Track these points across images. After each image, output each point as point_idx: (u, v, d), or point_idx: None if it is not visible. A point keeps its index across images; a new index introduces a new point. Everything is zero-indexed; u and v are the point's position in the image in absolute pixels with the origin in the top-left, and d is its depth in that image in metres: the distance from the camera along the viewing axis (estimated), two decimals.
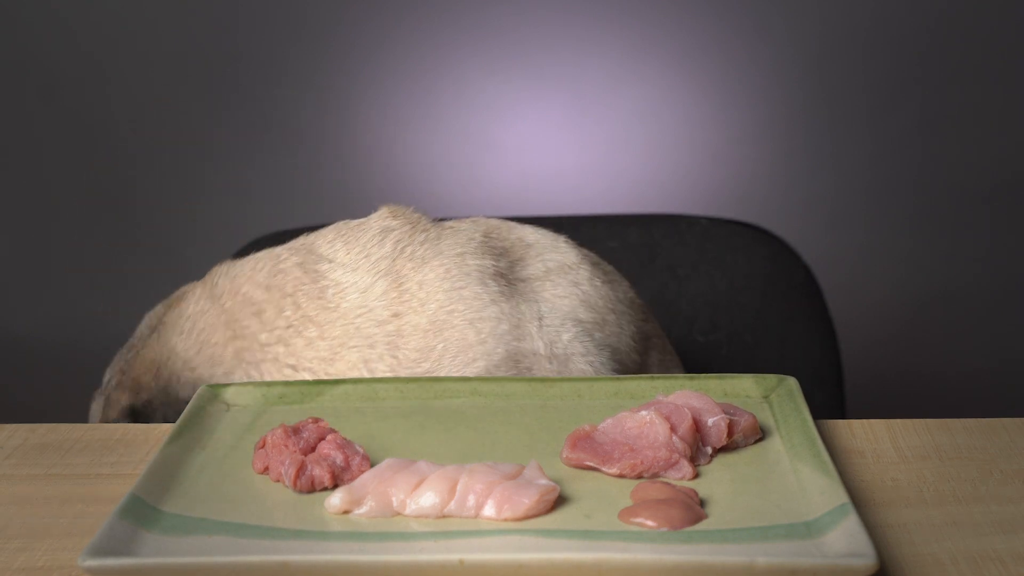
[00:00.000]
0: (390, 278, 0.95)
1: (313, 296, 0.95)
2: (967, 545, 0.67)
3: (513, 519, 0.67)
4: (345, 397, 0.86)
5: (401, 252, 0.96)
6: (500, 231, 1.02)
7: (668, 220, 1.43)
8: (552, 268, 1.00)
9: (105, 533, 0.63)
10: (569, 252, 1.02)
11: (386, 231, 0.98)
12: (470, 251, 0.97)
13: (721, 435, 0.76)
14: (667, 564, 0.60)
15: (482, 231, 1.00)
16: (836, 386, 1.39)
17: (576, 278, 1.01)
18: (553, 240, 1.03)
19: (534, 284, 0.99)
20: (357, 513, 0.68)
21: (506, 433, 0.80)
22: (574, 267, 1.01)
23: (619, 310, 1.02)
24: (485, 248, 0.98)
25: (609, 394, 0.86)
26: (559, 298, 0.99)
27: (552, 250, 1.02)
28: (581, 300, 1.00)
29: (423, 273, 0.95)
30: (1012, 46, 1.99)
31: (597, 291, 1.01)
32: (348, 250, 0.97)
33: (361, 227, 0.99)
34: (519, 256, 1.01)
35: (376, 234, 0.97)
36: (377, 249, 0.97)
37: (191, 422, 0.80)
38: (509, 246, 1.01)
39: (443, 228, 0.99)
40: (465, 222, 1.01)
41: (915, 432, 0.83)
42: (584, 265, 1.02)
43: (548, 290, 0.99)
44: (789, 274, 1.39)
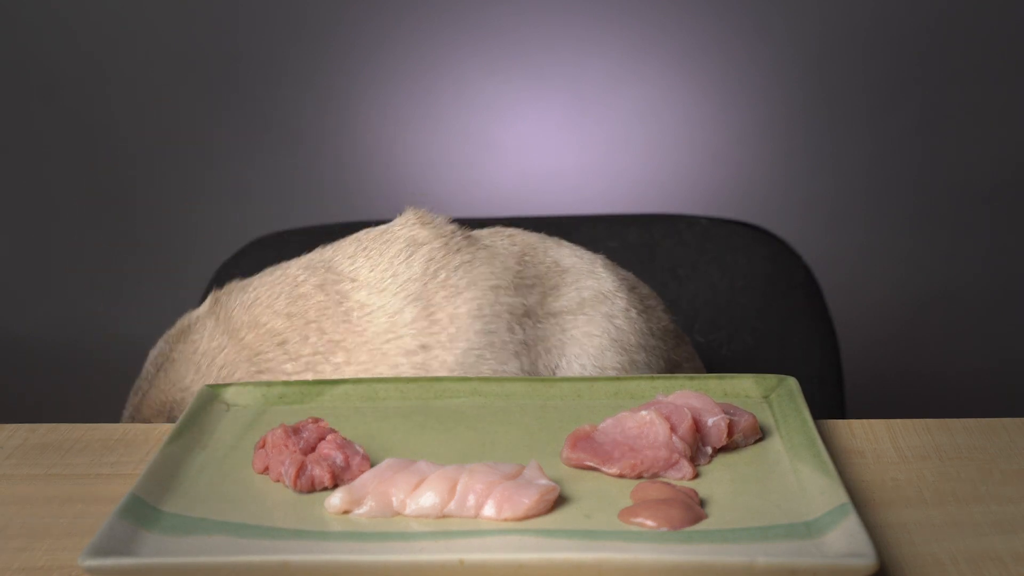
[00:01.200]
0: (420, 304, 0.90)
1: (338, 320, 0.91)
2: (967, 545, 0.67)
3: (513, 519, 0.67)
4: (345, 397, 0.86)
5: (434, 276, 0.91)
6: (536, 252, 0.97)
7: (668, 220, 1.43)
8: (587, 298, 0.96)
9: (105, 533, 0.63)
10: (606, 278, 0.97)
11: (414, 245, 0.92)
12: (504, 284, 0.92)
13: (721, 435, 0.76)
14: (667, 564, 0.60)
15: (517, 253, 0.95)
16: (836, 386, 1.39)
17: (611, 310, 0.96)
18: (590, 264, 0.98)
19: (565, 319, 0.95)
20: (357, 513, 0.68)
21: (506, 433, 0.80)
22: (610, 296, 0.97)
23: (650, 345, 0.98)
24: (519, 280, 0.93)
25: (609, 394, 0.86)
26: (589, 336, 0.95)
27: (589, 275, 0.97)
28: (613, 339, 0.96)
29: (455, 305, 0.91)
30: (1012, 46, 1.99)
31: (631, 325, 0.97)
32: (372, 267, 0.92)
33: (385, 238, 0.93)
34: (553, 284, 0.96)
35: (403, 248, 0.92)
36: (405, 268, 0.91)
37: (191, 422, 0.80)
38: (544, 271, 0.96)
39: (478, 247, 0.93)
40: (502, 237, 0.96)
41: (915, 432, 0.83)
42: (621, 293, 0.97)
43: (580, 327, 0.95)
44: (789, 274, 1.39)
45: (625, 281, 1.00)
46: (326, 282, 0.92)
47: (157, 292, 2.11)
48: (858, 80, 2.02)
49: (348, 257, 0.93)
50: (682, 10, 2.00)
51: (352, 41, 2.03)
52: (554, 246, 0.99)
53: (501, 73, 2.04)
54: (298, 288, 0.93)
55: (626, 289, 0.98)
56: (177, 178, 2.09)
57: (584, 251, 1.00)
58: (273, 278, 0.95)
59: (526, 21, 2.02)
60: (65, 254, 2.12)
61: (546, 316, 0.95)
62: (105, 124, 2.07)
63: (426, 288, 0.91)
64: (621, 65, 2.03)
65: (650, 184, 2.07)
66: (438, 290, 0.91)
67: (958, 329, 2.10)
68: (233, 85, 2.04)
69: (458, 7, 2.01)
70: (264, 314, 0.93)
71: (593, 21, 2.02)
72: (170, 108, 2.06)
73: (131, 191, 2.09)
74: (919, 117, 2.03)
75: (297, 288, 0.93)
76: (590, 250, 1.05)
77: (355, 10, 2.01)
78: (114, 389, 2.13)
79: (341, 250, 0.94)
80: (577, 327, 0.95)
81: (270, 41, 2.03)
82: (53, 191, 2.10)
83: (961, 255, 2.08)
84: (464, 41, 2.03)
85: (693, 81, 2.03)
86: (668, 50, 2.02)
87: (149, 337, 2.10)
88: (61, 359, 2.14)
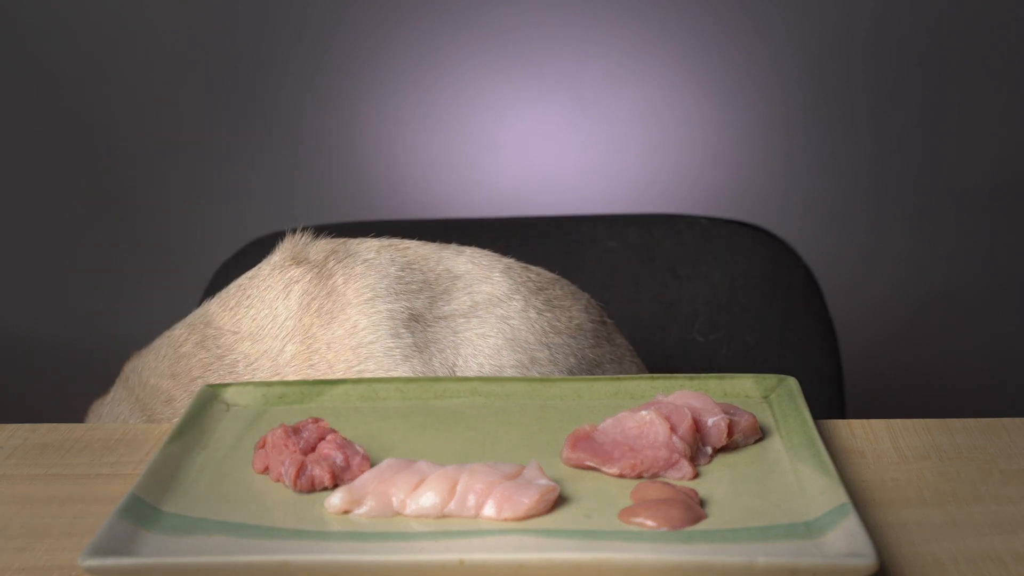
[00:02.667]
0: (298, 339, 0.90)
1: (224, 373, 0.91)
2: (967, 545, 0.67)
3: (513, 519, 0.67)
4: (345, 397, 0.86)
5: (307, 308, 0.91)
6: (427, 261, 0.95)
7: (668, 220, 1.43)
8: (480, 302, 0.95)
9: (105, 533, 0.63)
10: (502, 282, 0.96)
11: (290, 283, 0.92)
12: (381, 293, 0.91)
13: (721, 435, 0.76)
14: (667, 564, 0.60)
15: (401, 263, 0.94)
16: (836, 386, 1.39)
17: (506, 311, 0.95)
18: (487, 270, 0.97)
19: (457, 322, 0.94)
20: (357, 513, 0.68)
21: (506, 433, 0.80)
22: (504, 299, 0.96)
23: (555, 343, 0.97)
24: (399, 286, 0.92)
25: (609, 394, 0.86)
26: (482, 338, 0.94)
27: (483, 281, 0.96)
28: (508, 338, 0.95)
29: (331, 331, 0.90)
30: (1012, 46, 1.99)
31: (529, 324, 0.96)
32: (253, 316, 0.92)
33: (263, 283, 0.93)
34: (443, 289, 0.95)
35: (281, 290, 0.92)
36: (283, 308, 0.91)
37: (191, 422, 0.80)
38: (433, 278, 0.95)
39: (353, 266, 0.92)
40: (385, 250, 0.95)
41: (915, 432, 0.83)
42: (517, 296, 0.96)
43: (472, 328, 0.94)
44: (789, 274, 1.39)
45: (529, 283, 0.98)
46: (206, 338, 0.93)
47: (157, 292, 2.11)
48: (858, 80, 2.02)
49: (230, 309, 0.93)
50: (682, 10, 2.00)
51: (352, 41, 2.03)
52: (451, 255, 0.98)
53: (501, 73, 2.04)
54: (179, 349, 0.94)
55: (528, 291, 0.97)
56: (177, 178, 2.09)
57: (485, 257, 0.99)
58: (160, 342, 0.96)
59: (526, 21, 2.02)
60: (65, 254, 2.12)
61: (435, 320, 0.94)
62: (105, 124, 2.07)
63: (301, 322, 0.90)
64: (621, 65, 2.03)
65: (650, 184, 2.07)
66: (313, 320, 0.90)
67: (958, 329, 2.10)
68: (233, 85, 2.04)
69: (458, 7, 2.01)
70: (152, 377, 0.95)
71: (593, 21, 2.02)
72: (170, 108, 2.06)
73: (131, 191, 2.09)
74: (919, 117, 2.03)
75: (179, 349, 0.94)
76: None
77: (355, 10, 2.01)
78: None
79: (223, 303, 0.94)
80: (470, 328, 0.94)
81: (270, 41, 2.03)
82: (53, 191, 2.10)
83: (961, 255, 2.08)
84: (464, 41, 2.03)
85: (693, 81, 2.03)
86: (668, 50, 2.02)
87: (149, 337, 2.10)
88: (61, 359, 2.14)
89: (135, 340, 2.11)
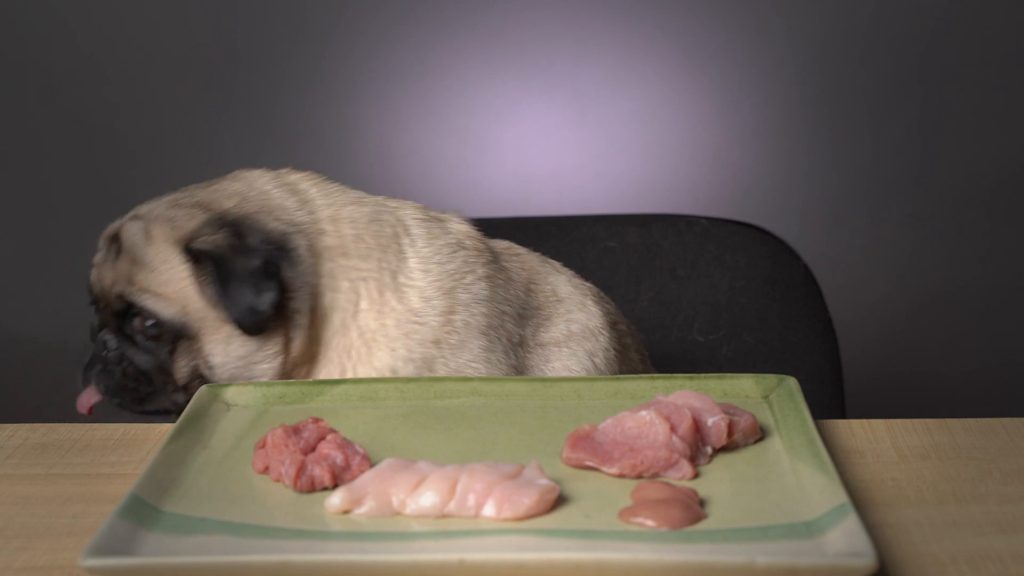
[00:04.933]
0: (448, 301, 0.97)
1: (394, 262, 0.97)
2: (967, 545, 0.67)
3: (513, 519, 0.67)
4: (345, 397, 0.86)
5: (462, 279, 0.98)
6: (538, 279, 1.04)
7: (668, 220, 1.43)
8: (575, 332, 1.03)
9: (105, 533, 0.63)
10: (595, 314, 1.04)
11: (458, 247, 0.99)
12: (511, 312, 0.99)
13: (721, 435, 0.76)
14: (667, 564, 0.60)
15: (525, 280, 1.02)
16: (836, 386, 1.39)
17: (594, 347, 1.03)
18: (582, 296, 1.05)
19: (550, 351, 1.02)
20: (357, 513, 0.68)
21: (506, 433, 0.80)
22: (595, 333, 1.04)
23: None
24: (523, 311, 1.01)
25: (609, 394, 0.86)
26: (568, 371, 1.01)
27: (580, 309, 1.04)
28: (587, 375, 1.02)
29: (471, 312, 0.97)
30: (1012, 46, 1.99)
31: (608, 366, 1.04)
32: (428, 242, 0.99)
33: (441, 225, 1.01)
34: (547, 316, 1.03)
35: (451, 243, 0.99)
36: (448, 260, 0.98)
37: (191, 422, 0.80)
38: (543, 301, 1.03)
39: (499, 265, 1.01)
40: (512, 260, 1.03)
41: (915, 432, 0.83)
42: (604, 331, 1.04)
43: (563, 359, 1.01)
44: (789, 274, 1.39)
45: (609, 316, 1.06)
46: (397, 226, 0.99)
47: None
48: (858, 80, 2.02)
49: (413, 218, 1.00)
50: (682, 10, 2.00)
51: (352, 41, 2.03)
52: (552, 272, 1.06)
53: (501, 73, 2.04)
54: (380, 215, 0.99)
55: (609, 326, 1.05)
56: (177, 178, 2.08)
57: (579, 280, 1.07)
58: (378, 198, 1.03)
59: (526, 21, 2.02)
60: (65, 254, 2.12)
61: (535, 347, 1.01)
62: (105, 124, 2.06)
63: (455, 287, 0.97)
64: (621, 65, 2.03)
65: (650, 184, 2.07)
66: (461, 294, 0.97)
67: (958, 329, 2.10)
68: (233, 85, 2.04)
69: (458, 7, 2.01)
70: (349, 206, 1.00)
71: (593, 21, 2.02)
72: (170, 108, 2.06)
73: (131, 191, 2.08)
74: (919, 117, 2.03)
75: (380, 213, 0.99)
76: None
77: (355, 10, 2.01)
78: None
79: (410, 208, 1.01)
80: (560, 359, 1.02)
81: (270, 41, 2.03)
82: (53, 191, 2.10)
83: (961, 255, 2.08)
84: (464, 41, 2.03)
85: (693, 81, 2.04)
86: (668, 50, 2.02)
87: None
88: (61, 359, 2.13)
89: None
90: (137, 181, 2.09)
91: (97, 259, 1.02)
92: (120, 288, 0.98)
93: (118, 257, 0.99)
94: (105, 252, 1.01)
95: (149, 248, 0.97)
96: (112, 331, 1.00)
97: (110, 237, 1.01)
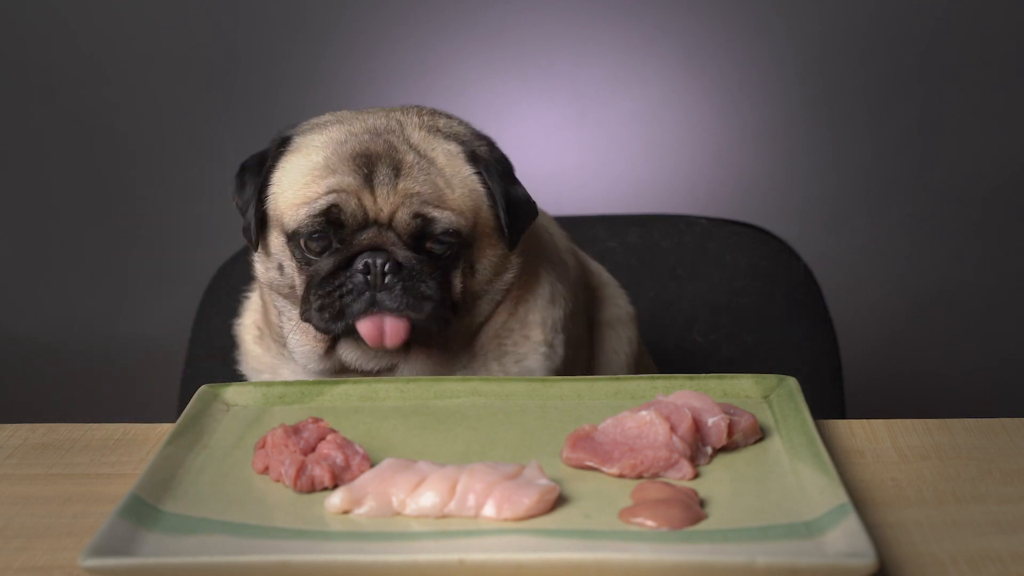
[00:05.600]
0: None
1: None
2: (967, 545, 0.67)
3: (513, 519, 0.67)
4: (345, 397, 0.86)
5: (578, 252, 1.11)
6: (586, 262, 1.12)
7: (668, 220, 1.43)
8: (621, 317, 1.10)
9: (105, 533, 0.63)
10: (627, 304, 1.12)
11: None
12: (578, 297, 1.05)
13: (721, 435, 0.76)
14: (667, 564, 0.60)
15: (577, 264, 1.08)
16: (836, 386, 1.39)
17: (631, 334, 1.10)
18: (617, 286, 1.13)
19: (603, 331, 1.08)
20: (357, 513, 0.68)
21: (506, 433, 0.80)
22: (628, 322, 1.10)
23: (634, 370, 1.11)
24: (588, 294, 1.09)
25: (609, 394, 0.86)
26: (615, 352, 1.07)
27: (620, 296, 1.12)
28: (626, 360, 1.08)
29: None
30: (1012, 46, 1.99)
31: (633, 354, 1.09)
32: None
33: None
34: (600, 297, 1.10)
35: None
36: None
37: (191, 422, 0.80)
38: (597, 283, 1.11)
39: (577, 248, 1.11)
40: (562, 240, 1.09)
41: (915, 432, 0.83)
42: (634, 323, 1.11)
43: (610, 340, 1.08)
44: (789, 274, 1.39)
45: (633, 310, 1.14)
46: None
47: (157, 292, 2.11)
48: (858, 80, 2.02)
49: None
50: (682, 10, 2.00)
51: (352, 41, 2.02)
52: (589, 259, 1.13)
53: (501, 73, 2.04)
54: None
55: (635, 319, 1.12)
56: (177, 178, 2.09)
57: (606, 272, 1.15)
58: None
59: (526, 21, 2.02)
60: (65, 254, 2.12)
61: (595, 324, 1.08)
62: (105, 124, 2.06)
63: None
64: (621, 65, 2.03)
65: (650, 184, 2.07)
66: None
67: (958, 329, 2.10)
68: (233, 85, 2.04)
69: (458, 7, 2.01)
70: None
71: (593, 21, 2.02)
72: (170, 108, 2.06)
73: (131, 191, 2.09)
74: (919, 117, 2.03)
75: None
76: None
77: (355, 10, 2.01)
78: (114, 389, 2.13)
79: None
80: (608, 340, 1.08)
81: (270, 41, 2.03)
82: (53, 191, 2.10)
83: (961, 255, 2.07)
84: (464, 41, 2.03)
85: (693, 82, 2.03)
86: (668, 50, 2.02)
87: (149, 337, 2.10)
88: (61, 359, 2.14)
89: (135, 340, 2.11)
90: (137, 181, 2.09)
91: (353, 184, 0.94)
92: (414, 207, 0.92)
93: (401, 177, 0.93)
94: (377, 174, 0.94)
95: (445, 164, 0.95)
96: (402, 250, 0.91)
97: (374, 158, 0.95)
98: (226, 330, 1.50)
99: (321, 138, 0.99)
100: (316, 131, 1.01)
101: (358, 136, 0.97)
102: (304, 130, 1.03)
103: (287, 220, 0.94)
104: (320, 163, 0.96)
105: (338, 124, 1.00)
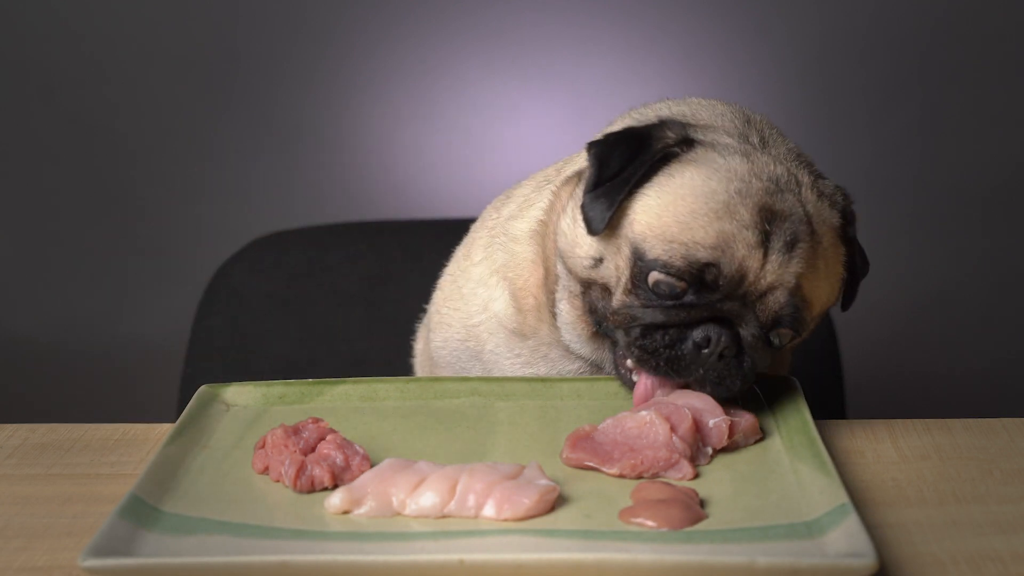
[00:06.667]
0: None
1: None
2: (967, 545, 0.67)
3: (513, 519, 0.67)
4: (345, 397, 0.86)
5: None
6: None
7: None
8: None
9: (105, 533, 0.63)
10: None
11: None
12: None
13: (722, 436, 0.76)
14: (667, 564, 0.60)
15: None
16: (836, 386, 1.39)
17: None
18: None
19: None
20: (357, 513, 0.68)
21: (506, 433, 0.80)
22: None
23: None
24: None
25: (609, 394, 0.86)
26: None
27: None
28: None
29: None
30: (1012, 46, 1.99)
31: None
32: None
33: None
34: None
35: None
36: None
37: (191, 422, 0.80)
38: None
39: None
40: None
41: (915, 432, 0.83)
42: None
43: None
44: None
45: None
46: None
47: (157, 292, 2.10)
48: (858, 80, 2.02)
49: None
50: (682, 10, 2.00)
51: (352, 41, 2.02)
52: None
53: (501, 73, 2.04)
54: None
55: None
56: (177, 178, 2.09)
57: None
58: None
59: (526, 21, 2.02)
60: (65, 254, 2.12)
61: None
62: (105, 124, 2.06)
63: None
64: (621, 65, 2.03)
65: None
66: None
67: (958, 329, 2.10)
68: (233, 85, 2.04)
69: (458, 7, 2.01)
70: None
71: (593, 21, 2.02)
72: (170, 108, 2.06)
73: (131, 191, 2.09)
74: (919, 117, 2.03)
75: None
76: None
77: (355, 10, 2.01)
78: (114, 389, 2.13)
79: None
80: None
81: (270, 41, 2.03)
82: (53, 191, 2.10)
83: (961, 255, 2.07)
84: (464, 41, 2.03)
85: (693, 82, 2.03)
86: (668, 50, 2.02)
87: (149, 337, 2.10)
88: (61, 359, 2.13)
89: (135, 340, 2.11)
90: (137, 181, 2.09)
91: (748, 243, 0.80)
92: (793, 295, 0.81)
93: (795, 252, 0.81)
94: (774, 241, 0.81)
95: (829, 246, 0.84)
96: (752, 329, 0.80)
97: (777, 220, 0.82)
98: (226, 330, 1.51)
99: (724, 163, 0.85)
100: (718, 152, 0.87)
101: (763, 183, 0.84)
102: (704, 139, 0.89)
103: (650, 245, 0.81)
104: (722, 201, 0.82)
105: (742, 157, 0.86)
